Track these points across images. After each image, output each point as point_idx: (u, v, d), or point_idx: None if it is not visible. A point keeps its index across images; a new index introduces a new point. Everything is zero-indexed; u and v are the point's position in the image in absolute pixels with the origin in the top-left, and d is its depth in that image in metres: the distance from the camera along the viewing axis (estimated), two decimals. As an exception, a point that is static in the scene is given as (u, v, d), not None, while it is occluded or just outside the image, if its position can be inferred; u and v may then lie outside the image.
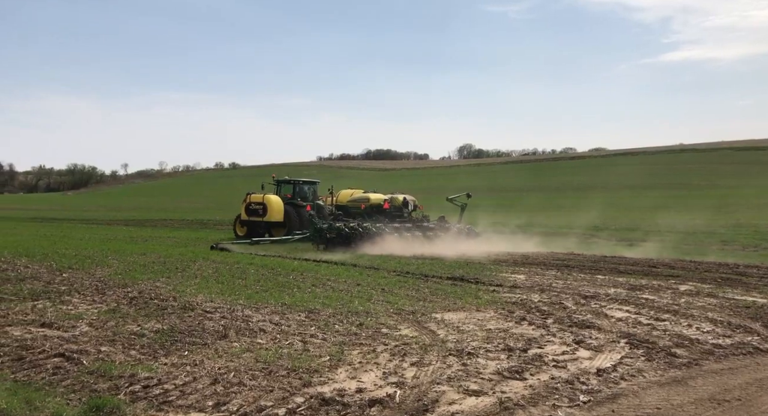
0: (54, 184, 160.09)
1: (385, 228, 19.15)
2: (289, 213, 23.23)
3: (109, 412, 3.71)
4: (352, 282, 10.22)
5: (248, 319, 6.74)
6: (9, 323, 6.14)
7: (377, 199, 22.45)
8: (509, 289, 9.74)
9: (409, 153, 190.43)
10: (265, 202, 23.25)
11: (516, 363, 5.13)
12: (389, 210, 21.88)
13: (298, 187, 24.74)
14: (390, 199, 22.44)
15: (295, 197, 24.14)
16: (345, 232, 18.59)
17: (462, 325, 6.76)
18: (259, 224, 23.31)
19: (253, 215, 23.57)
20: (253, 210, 23.56)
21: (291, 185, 24.80)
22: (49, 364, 4.71)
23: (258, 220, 23.36)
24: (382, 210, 21.81)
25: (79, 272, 10.46)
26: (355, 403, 4.05)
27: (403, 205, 22.39)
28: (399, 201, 22.43)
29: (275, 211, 23.05)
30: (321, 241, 19.18)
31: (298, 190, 24.61)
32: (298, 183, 24.96)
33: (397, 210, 22.09)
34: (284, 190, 24.68)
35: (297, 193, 24.45)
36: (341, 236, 18.58)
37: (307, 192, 24.80)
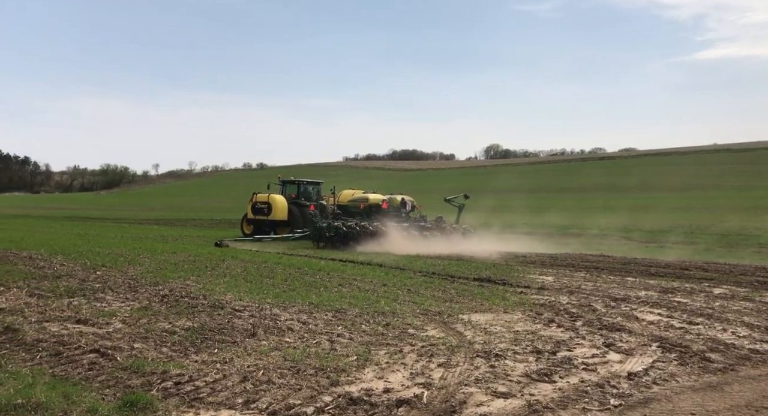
0: (88, 184, 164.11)
1: (382, 228, 19.80)
2: (293, 212, 24.19)
3: (142, 408, 3.79)
4: (378, 282, 10.24)
5: (276, 318, 6.81)
6: (47, 319, 6.32)
7: (376, 199, 23.25)
8: (537, 291, 9.64)
9: (435, 153, 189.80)
10: (270, 201, 24.33)
11: (545, 366, 5.08)
12: (387, 210, 22.59)
13: (302, 187, 25.77)
14: (388, 199, 23.22)
15: (299, 197, 25.18)
16: (343, 231, 19.42)
17: (489, 327, 6.72)
18: (265, 222, 24.28)
19: (258, 214, 24.61)
20: (259, 209, 24.66)
21: (295, 185, 25.85)
22: (85, 360, 4.83)
23: (263, 219, 24.36)
24: (381, 210, 22.55)
25: (112, 270, 10.71)
26: (382, 403, 4.06)
27: (401, 205, 23.07)
28: (397, 201, 23.13)
29: (279, 210, 24.08)
30: (321, 239, 20.10)
31: (303, 190, 25.65)
32: (302, 183, 26.00)
33: (395, 210, 22.75)
34: (289, 189, 25.70)
35: (301, 193, 25.51)
36: (339, 235, 19.42)
37: (311, 192, 25.86)
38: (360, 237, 19.34)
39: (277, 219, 24.11)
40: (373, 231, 19.54)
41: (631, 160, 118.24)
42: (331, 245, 19.52)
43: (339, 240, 19.39)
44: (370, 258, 15.18)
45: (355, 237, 19.35)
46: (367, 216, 22.13)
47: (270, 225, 24.20)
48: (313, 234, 20.81)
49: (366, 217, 21.72)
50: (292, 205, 24.49)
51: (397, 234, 19.72)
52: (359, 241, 19.16)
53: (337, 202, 24.66)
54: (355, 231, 19.49)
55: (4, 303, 7.03)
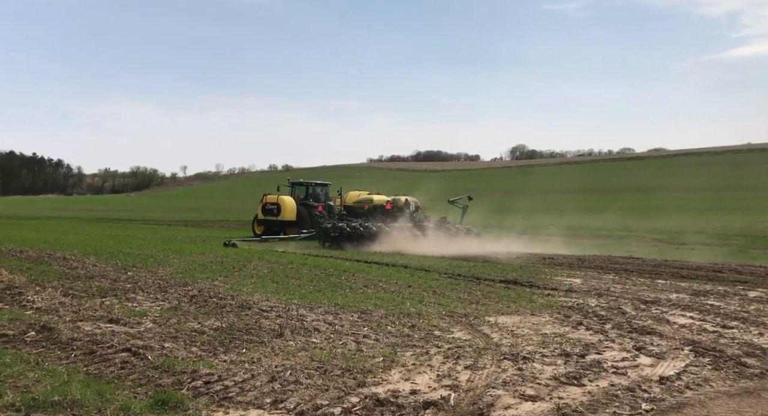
0: (118, 186, 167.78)
1: (384, 228, 20.51)
2: (301, 213, 25.01)
3: (173, 407, 3.85)
4: (403, 283, 10.24)
5: (303, 319, 6.86)
6: (80, 318, 6.47)
7: (380, 201, 24.13)
8: (565, 293, 9.52)
9: (460, 154, 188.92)
10: (279, 202, 25.25)
11: (573, 369, 5.01)
12: (391, 211, 23.40)
13: (310, 188, 26.72)
14: (392, 200, 24.09)
15: (308, 198, 26.07)
16: (346, 231, 20.11)
17: (516, 329, 6.66)
18: (274, 223, 25.09)
19: (268, 215, 25.50)
20: (269, 210, 25.57)
21: (304, 187, 26.85)
22: (118, 359, 4.94)
23: (273, 219, 25.21)
24: (385, 211, 23.39)
25: (142, 271, 10.92)
26: (409, 405, 4.06)
27: (405, 206, 23.76)
28: (401, 202, 23.89)
29: (288, 211, 24.95)
30: (326, 239, 20.80)
31: (311, 192, 26.58)
32: (311, 185, 26.96)
33: (399, 210, 23.45)
34: (298, 191, 26.69)
35: (309, 195, 26.42)
36: (343, 235, 20.12)
37: (319, 193, 26.77)
38: (363, 237, 19.98)
39: (286, 220, 24.85)
40: (376, 232, 20.18)
41: (661, 160, 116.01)
42: (335, 245, 20.14)
43: (343, 240, 20.02)
44: (395, 259, 15.19)
45: (359, 237, 19.99)
46: (372, 216, 22.78)
47: (279, 226, 24.93)
48: (318, 234, 21.52)
49: (370, 218, 22.38)
50: (301, 206, 25.26)
51: (400, 234, 20.34)
52: (362, 241, 19.80)
53: (344, 203, 25.47)
54: (358, 232, 20.13)
55: (41, 303, 7.22)
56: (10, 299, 7.52)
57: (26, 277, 9.39)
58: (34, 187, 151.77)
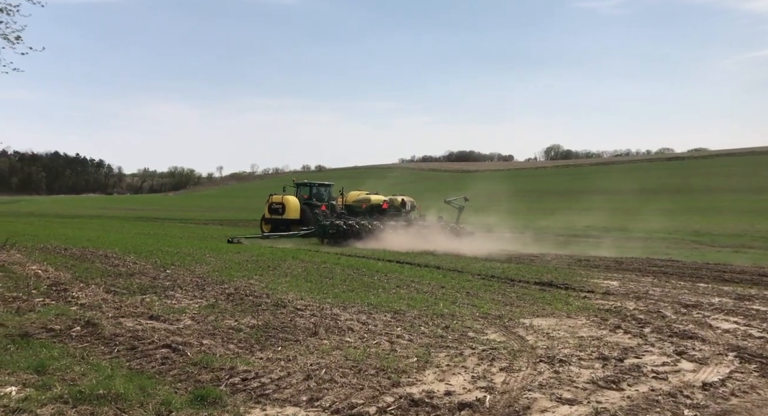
0: (156, 186, 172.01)
1: (380, 226, 21.71)
2: (305, 211, 26.25)
3: (212, 402, 3.93)
4: (436, 284, 10.20)
5: (336, 318, 6.91)
6: (122, 315, 6.66)
7: (377, 200, 25.04)
8: (602, 296, 9.34)
9: (493, 154, 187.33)
10: (284, 202, 26.53)
11: (612, 373, 4.91)
12: (388, 210, 24.35)
13: (314, 188, 28.08)
14: (389, 200, 25.00)
15: (311, 198, 27.37)
16: (343, 229, 21.37)
17: (552, 332, 6.56)
18: (280, 221, 26.32)
19: (274, 214, 26.78)
20: (274, 210, 26.80)
21: (308, 187, 28.18)
22: (158, 354, 5.07)
23: (278, 218, 26.48)
24: (382, 210, 24.31)
25: (180, 269, 11.17)
26: (444, 406, 4.04)
27: (401, 206, 24.70)
28: (398, 202, 24.85)
29: (292, 210, 26.27)
30: (324, 236, 22.01)
31: (315, 192, 27.90)
32: (314, 185, 28.38)
33: (395, 210, 24.48)
34: (302, 191, 28.02)
35: (313, 194, 27.72)
36: (340, 232, 21.37)
37: (323, 193, 28.10)
38: (359, 234, 21.22)
39: (290, 219, 26.11)
40: (371, 229, 21.42)
41: (701, 160, 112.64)
42: (333, 241, 21.34)
43: (340, 237, 21.27)
44: (427, 260, 15.15)
45: (355, 234, 21.22)
46: (370, 215, 23.81)
47: (284, 224, 25.96)
48: (317, 231, 22.72)
49: (368, 216, 23.47)
50: (305, 206, 26.54)
51: (394, 231, 21.52)
52: (359, 238, 21.03)
53: (345, 202, 26.34)
54: (354, 229, 21.38)
55: (84, 299, 7.47)
56: (56, 295, 7.79)
57: (71, 274, 9.71)
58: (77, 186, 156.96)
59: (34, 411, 3.57)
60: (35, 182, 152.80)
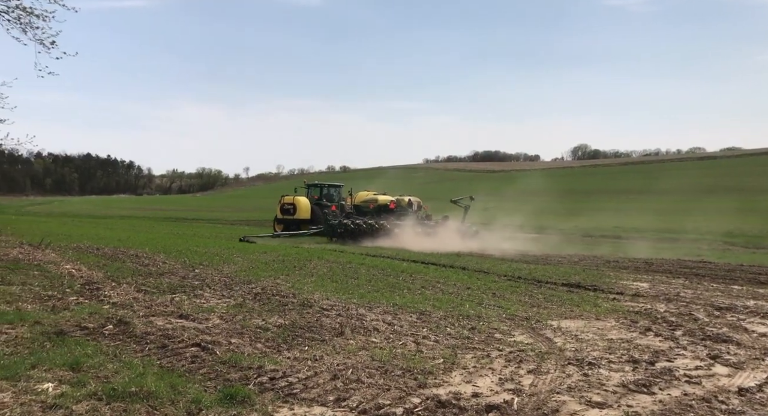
0: (185, 186, 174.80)
1: (386, 225, 22.40)
2: (315, 211, 27.22)
3: (240, 401, 3.98)
4: (461, 285, 10.15)
5: (362, 318, 6.93)
6: (153, 314, 6.79)
7: (384, 200, 25.86)
8: (631, 298, 9.18)
9: (519, 154, 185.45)
10: (295, 202, 27.65)
11: (642, 376, 4.82)
12: (395, 210, 25.14)
13: (324, 189, 29.24)
14: (396, 200, 25.80)
15: (322, 198, 28.45)
16: (350, 228, 22.34)
17: (580, 334, 6.48)
18: (292, 221, 27.37)
19: (286, 214, 27.81)
20: (286, 210, 27.83)
21: (318, 188, 29.36)
22: (188, 353, 5.15)
23: (290, 218, 27.54)
24: (389, 210, 25.13)
25: (208, 268, 11.33)
26: (471, 407, 4.02)
27: (408, 206, 25.47)
28: (405, 202, 25.61)
29: (303, 210, 27.35)
30: (332, 235, 22.94)
31: (325, 193, 29.03)
32: (324, 186, 29.60)
33: (402, 210, 25.20)
34: (313, 192, 29.09)
35: (323, 195, 28.82)
36: (347, 231, 22.31)
37: (333, 194, 29.15)
38: (366, 233, 22.04)
39: (301, 219, 27.15)
40: (378, 228, 22.19)
41: (734, 160, 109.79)
42: (341, 240, 22.19)
43: (348, 236, 22.17)
44: (453, 260, 15.09)
45: (363, 233, 22.04)
46: (377, 215, 24.60)
47: (295, 224, 26.97)
48: (326, 230, 23.70)
49: (376, 216, 24.28)
50: (315, 206, 27.56)
51: (401, 231, 22.33)
52: (366, 237, 21.79)
53: (353, 202, 27.17)
54: (361, 228, 22.26)
55: (116, 298, 7.63)
56: (89, 294, 7.98)
57: (103, 273, 9.93)
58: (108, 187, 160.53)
59: (69, 407, 3.66)
60: (68, 183, 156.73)
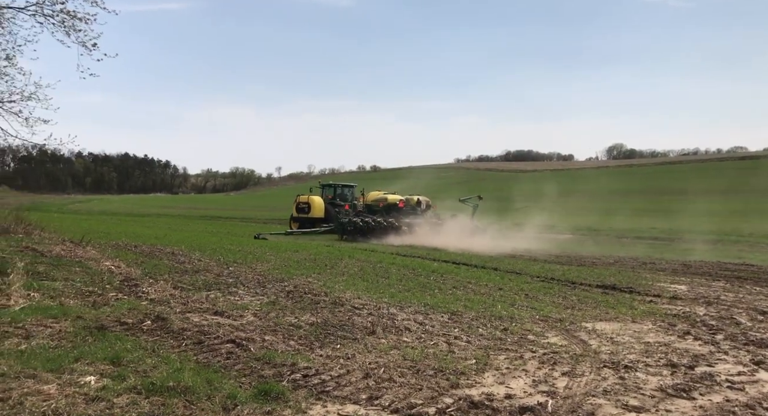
0: (219, 186, 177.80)
1: (395, 223, 23.72)
2: (328, 210, 28.19)
3: (275, 398, 4.03)
4: (493, 286, 10.07)
5: (393, 317, 6.94)
6: (189, 310, 6.94)
7: (394, 199, 27.06)
8: (669, 300, 8.96)
9: (552, 154, 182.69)
10: (309, 201, 28.89)
11: (682, 381, 4.70)
12: (404, 209, 26.30)
13: (338, 189, 30.45)
14: (405, 199, 26.93)
15: (335, 198, 29.65)
16: (360, 225, 23.43)
17: (616, 336, 6.35)
18: (306, 220, 28.49)
19: (301, 212, 29.04)
20: (301, 209, 29.08)
21: (332, 188, 30.60)
22: (223, 349, 5.24)
23: (305, 217, 28.73)
24: (398, 209, 26.32)
25: (242, 266, 11.51)
26: (504, 409, 3.99)
27: (416, 205, 26.59)
28: (414, 201, 26.74)
29: (317, 209, 28.54)
30: (343, 232, 23.91)
31: (339, 192, 30.22)
32: (338, 186, 30.89)
33: (411, 208, 26.39)
34: (327, 191, 30.25)
35: (337, 195, 29.99)
36: (357, 228, 23.41)
37: (347, 193, 30.33)
38: (375, 230, 23.11)
39: (315, 217, 28.26)
40: (386, 226, 23.36)
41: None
42: (351, 237, 23.14)
43: (358, 233, 23.19)
44: (484, 261, 14.98)
45: (372, 231, 23.11)
46: (387, 213, 25.71)
47: (310, 222, 28.03)
48: (337, 228, 24.79)
49: (385, 214, 25.39)
50: (329, 205, 28.65)
51: (409, 228, 23.73)
52: (375, 234, 22.82)
53: (365, 201, 28.52)
54: (370, 226, 23.35)
55: (154, 294, 7.82)
56: (128, 290, 8.20)
57: (141, 270, 10.19)
58: (145, 186, 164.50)
59: (111, 400, 3.77)
60: (107, 182, 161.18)
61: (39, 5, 9.71)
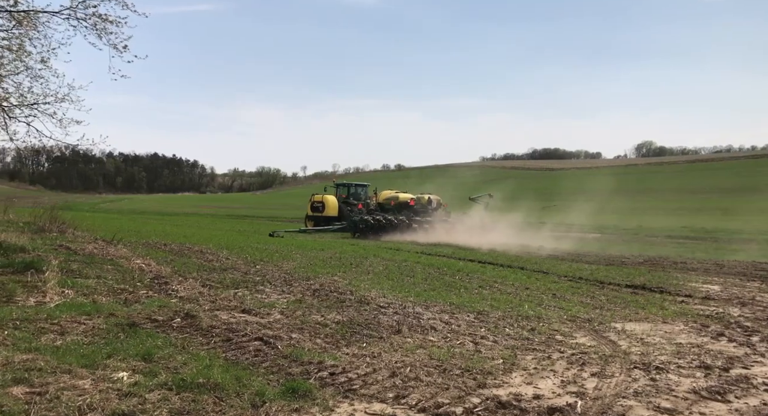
0: (245, 185, 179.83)
1: (405, 221, 24.64)
2: (342, 209, 28.96)
3: (302, 395, 4.06)
4: (520, 285, 9.99)
5: (419, 316, 6.93)
6: (217, 308, 7.03)
7: (405, 198, 27.93)
8: (701, 301, 8.76)
9: (579, 152, 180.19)
10: (324, 201, 29.58)
11: (716, 383, 4.59)
12: (415, 207, 27.08)
13: (352, 188, 31.27)
14: (416, 198, 27.75)
15: (349, 197, 30.41)
16: (371, 223, 24.25)
17: (646, 337, 6.24)
18: (321, 218, 29.20)
19: (315, 211, 29.79)
20: (316, 208, 29.81)
21: (346, 187, 31.38)
22: (251, 347, 5.30)
23: (319, 215, 29.43)
24: (409, 207, 27.10)
25: (269, 264, 11.62)
26: (533, 410, 3.95)
27: (427, 203, 27.36)
28: (424, 199, 27.56)
29: (331, 208, 29.18)
30: (355, 230, 24.86)
31: (353, 191, 30.99)
32: (352, 186, 31.69)
33: (422, 207, 27.20)
34: (341, 191, 31.06)
35: (351, 194, 30.74)
36: (368, 226, 24.29)
37: (360, 193, 31.10)
38: (386, 228, 23.88)
39: (329, 216, 28.96)
40: (397, 224, 24.20)
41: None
42: (363, 235, 23.98)
43: (369, 231, 24.00)
44: (511, 260, 14.86)
45: (382, 228, 23.87)
46: (398, 211, 26.43)
47: (324, 220, 28.73)
48: (349, 226, 25.59)
49: (397, 213, 26.08)
50: (343, 204, 29.39)
51: (419, 226, 24.56)
52: (386, 232, 23.59)
53: (377, 200, 29.50)
54: (380, 224, 24.11)
55: (183, 292, 7.95)
56: (158, 288, 8.35)
57: (170, 268, 10.36)
58: (173, 185, 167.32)
59: (143, 396, 3.85)
60: (137, 181, 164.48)
61: (72, 9, 9.92)
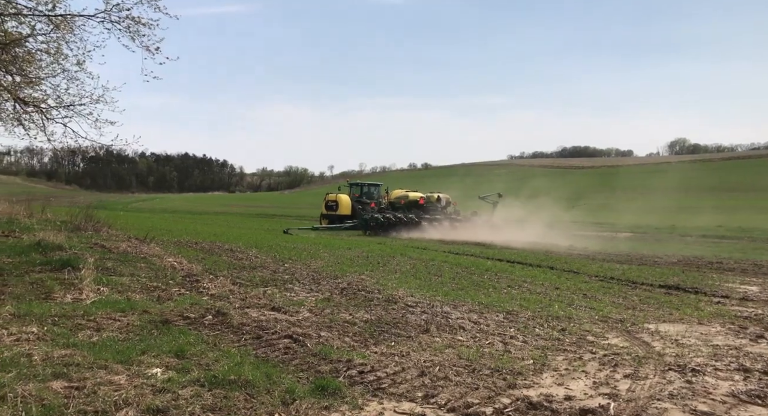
0: (273, 184, 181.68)
1: (414, 218, 25.36)
2: (355, 208, 29.79)
3: (332, 393, 4.09)
4: (549, 285, 9.86)
5: (447, 316, 6.90)
6: (247, 305, 7.12)
7: (414, 197, 28.53)
8: (738, 302, 8.52)
9: (610, 149, 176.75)
10: (337, 199, 30.51)
11: (756, 387, 4.46)
12: (425, 206, 27.60)
13: (365, 188, 32.43)
14: (426, 197, 28.29)
15: (362, 196, 31.38)
16: (381, 222, 24.99)
17: (681, 338, 6.10)
18: (334, 217, 29.97)
19: (329, 210, 30.67)
20: (329, 206, 30.66)
21: (359, 187, 32.56)
22: (281, 344, 5.35)
23: (333, 214, 30.23)
24: (419, 206, 27.64)
25: (297, 263, 11.72)
26: (564, 411, 3.90)
27: (437, 202, 27.96)
28: (434, 198, 28.11)
29: (344, 207, 30.06)
30: (366, 228, 25.47)
31: (365, 191, 32.09)
32: (365, 185, 33.00)
33: (431, 205, 27.74)
34: (354, 190, 32.08)
35: (364, 193, 31.78)
36: (379, 224, 24.95)
37: (373, 192, 32.14)
38: (396, 226, 24.63)
39: (342, 214, 29.72)
40: (407, 222, 24.90)
41: None
42: (374, 232, 24.60)
43: (379, 229, 24.71)
44: (540, 259, 14.68)
45: (392, 226, 24.62)
46: (408, 210, 26.95)
47: (338, 219, 29.45)
48: (360, 224, 26.31)
49: (407, 211, 26.64)
50: (356, 203, 30.29)
51: (428, 224, 25.25)
52: (396, 229, 24.35)
53: (388, 199, 30.30)
54: (391, 222, 24.82)
55: (214, 290, 8.07)
56: (190, 285, 8.49)
57: (201, 266, 10.53)
58: (204, 184, 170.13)
59: (176, 392, 3.92)
60: (168, 181, 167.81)
61: (107, 12, 10.17)
